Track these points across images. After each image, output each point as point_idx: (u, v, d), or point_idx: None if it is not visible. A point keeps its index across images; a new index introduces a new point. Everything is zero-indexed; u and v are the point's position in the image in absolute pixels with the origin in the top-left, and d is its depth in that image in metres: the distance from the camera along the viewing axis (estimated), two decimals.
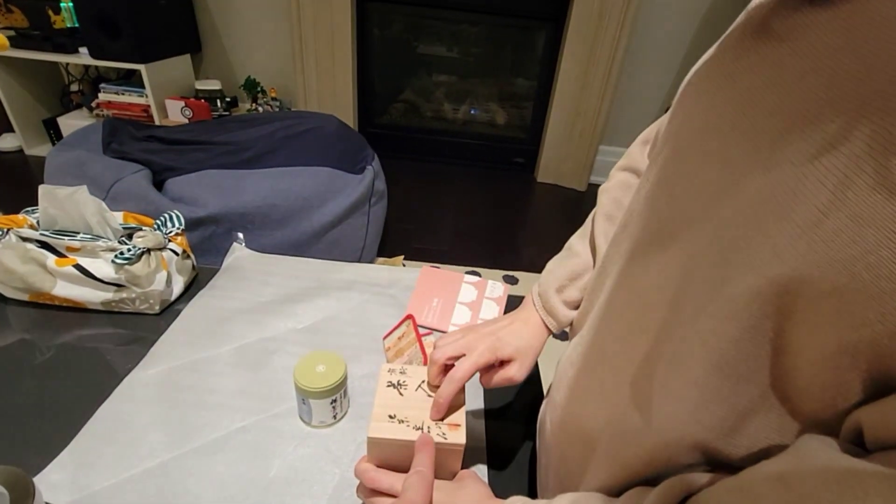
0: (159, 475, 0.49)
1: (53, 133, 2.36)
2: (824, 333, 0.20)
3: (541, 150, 2.56)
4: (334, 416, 0.55)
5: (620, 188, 0.52)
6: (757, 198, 0.23)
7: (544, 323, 0.51)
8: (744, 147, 0.25)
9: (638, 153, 0.50)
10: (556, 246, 0.57)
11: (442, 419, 0.42)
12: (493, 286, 0.80)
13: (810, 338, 0.20)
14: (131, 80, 2.32)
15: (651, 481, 0.29)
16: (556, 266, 0.53)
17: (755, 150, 0.24)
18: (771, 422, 0.23)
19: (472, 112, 2.67)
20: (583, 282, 0.50)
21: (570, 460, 0.37)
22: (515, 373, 0.47)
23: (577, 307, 0.50)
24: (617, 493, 0.31)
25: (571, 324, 0.50)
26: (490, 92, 2.61)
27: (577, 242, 0.54)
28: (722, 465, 0.26)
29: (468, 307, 0.76)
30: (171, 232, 0.74)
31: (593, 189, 2.57)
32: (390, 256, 1.83)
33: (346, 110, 2.43)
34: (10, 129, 2.29)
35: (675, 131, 0.32)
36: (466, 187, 2.49)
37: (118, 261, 0.65)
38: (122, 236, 0.71)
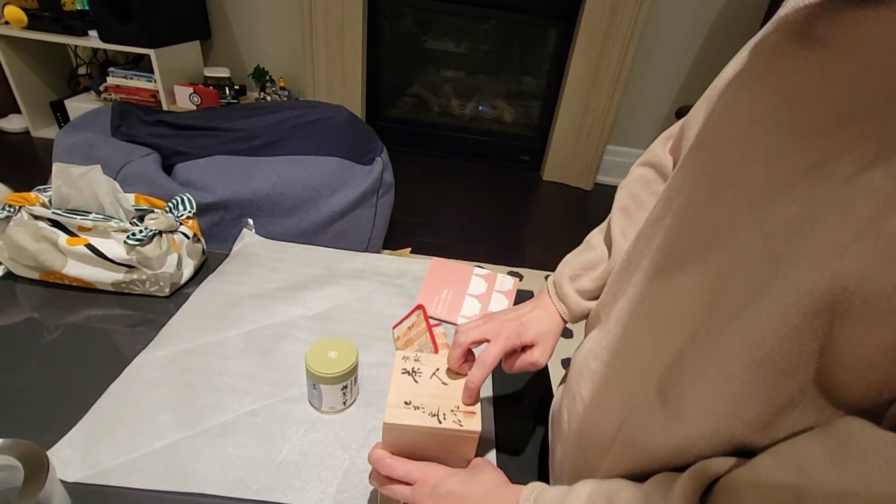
0: (168, 455, 0.49)
1: (60, 115, 2.35)
2: (880, 330, 0.20)
3: (547, 148, 2.55)
4: (344, 403, 0.55)
5: (638, 183, 0.52)
6: (813, 194, 0.22)
7: (558, 311, 0.51)
8: (795, 143, 0.24)
9: (660, 149, 0.50)
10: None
11: (472, 403, 0.42)
12: (503, 279, 0.80)
13: (864, 335, 0.20)
14: (140, 65, 2.31)
15: (675, 471, 0.29)
16: (573, 257, 0.54)
17: (808, 147, 0.23)
18: (808, 415, 0.23)
19: (480, 108, 2.66)
20: (597, 273, 0.50)
21: (589, 451, 0.37)
22: (539, 357, 0.47)
23: (590, 298, 0.50)
24: (638, 481, 0.31)
25: (588, 316, 0.50)
26: (498, 89, 2.60)
27: (595, 236, 0.54)
28: (747, 452, 0.26)
29: (477, 299, 0.76)
30: (182, 215, 0.74)
31: (599, 189, 2.56)
32: (395, 249, 1.83)
33: (354, 102, 2.42)
34: (17, 111, 2.29)
35: (714, 128, 0.31)
36: (472, 183, 2.49)
37: (130, 242, 0.65)
38: (133, 217, 0.70)
